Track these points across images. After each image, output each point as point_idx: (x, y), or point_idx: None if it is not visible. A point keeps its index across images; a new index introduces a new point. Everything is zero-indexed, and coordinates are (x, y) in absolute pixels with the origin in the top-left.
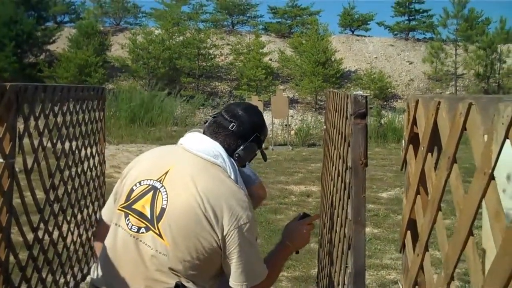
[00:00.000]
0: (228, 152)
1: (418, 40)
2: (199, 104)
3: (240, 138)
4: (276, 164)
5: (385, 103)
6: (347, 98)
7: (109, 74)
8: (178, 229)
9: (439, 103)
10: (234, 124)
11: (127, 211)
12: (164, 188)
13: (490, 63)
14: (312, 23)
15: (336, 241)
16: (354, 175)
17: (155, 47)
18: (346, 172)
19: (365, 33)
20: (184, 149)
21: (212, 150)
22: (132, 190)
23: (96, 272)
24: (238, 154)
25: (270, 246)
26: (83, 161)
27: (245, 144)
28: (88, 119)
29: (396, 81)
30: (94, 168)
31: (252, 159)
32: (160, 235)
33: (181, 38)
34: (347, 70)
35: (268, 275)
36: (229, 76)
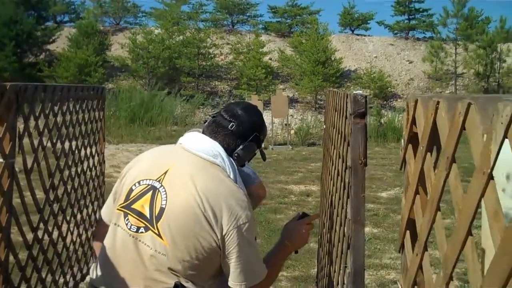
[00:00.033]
0: (227, 151)
1: (418, 39)
2: (199, 103)
3: (239, 138)
4: (276, 163)
5: (385, 102)
6: (347, 97)
7: (109, 74)
8: (177, 228)
9: (438, 102)
10: (233, 123)
11: (126, 211)
12: (164, 187)
13: (490, 62)
14: (312, 23)
15: (335, 240)
16: (354, 174)
17: (155, 46)
18: (345, 171)
19: (365, 32)
20: (184, 148)
21: (211, 149)
22: (131, 190)
23: (95, 272)
24: (238, 154)
25: (270, 245)
26: (83, 161)
27: (244, 143)
28: (88, 119)
29: (396, 80)
30: (94, 168)
31: (251, 159)
32: (159, 235)
33: (181, 37)
34: (347, 69)
35: (268, 275)
36: (229, 76)
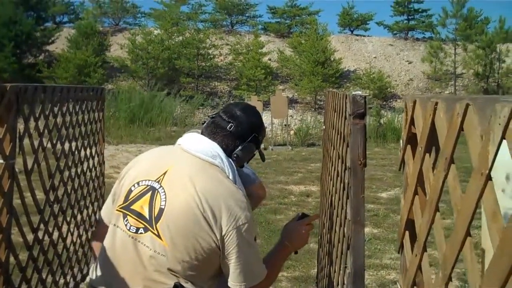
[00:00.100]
0: (226, 152)
1: (417, 39)
2: (198, 104)
3: (238, 139)
4: (275, 164)
5: (384, 102)
6: (346, 98)
7: (108, 75)
8: (176, 229)
9: (437, 103)
10: (232, 124)
11: (126, 212)
12: (163, 188)
13: (489, 63)
14: (311, 23)
15: (335, 241)
16: (353, 175)
17: (154, 47)
18: (345, 172)
19: (364, 32)
20: (183, 149)
21: (210, 150)
22: (130, 191)
23: (95, 272)
24: (236, 155)
25: (270, 246)
26: (83, 161)
27: (243, 144)
28: (87, 120)
29: (396, 80)
30: (94, 169)
31: (250, 160)
32: (158, 236)
33: (180, 38)
34: (346, 69)
35: (267, 275)
36: (228, 76)
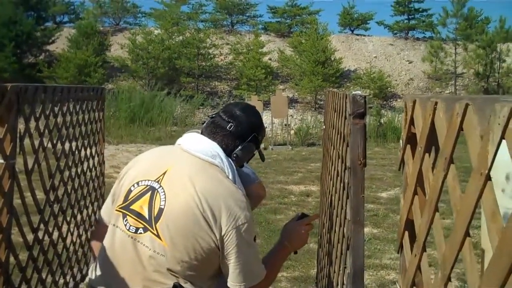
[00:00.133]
0: (226, 152)
1: (418, 39)
2: (198, 104)
3: (238, 138)
4: (275, 163)
5: (384, 102)
6: (346, 98)
7: (108, 74)
8: (176, 229)
9: (436, 103)
10: (232, 124)
11: (125, 212)
12: (162, 188)
13: (490, 62)
14: (312, 23)
15: (335, 241)
16: (353, 175)
17: (154, 47)
18: (345, 172)
19: (364, 32)
20: (182, 149)
21: (210, 150)
22: (130, 191)
23: (94, 272)
24: (236, 154)
25: (270, 246)
26: (83, 161)
27: (243, 144)
28: (87, 120)
29: (396, 80)
30: (94, 169)
31: (250, 159)
32: (158, 236)
33: (180, 38)
34: (346, 69)
35: (267, 275)
36: (228, 76)
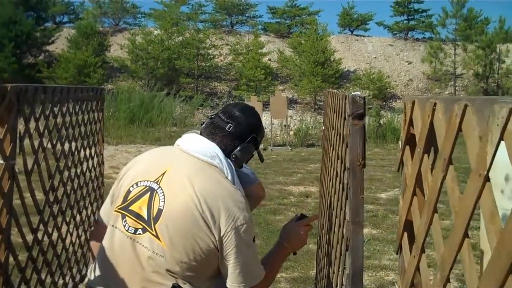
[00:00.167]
0: (225, 153)
1: (417, 40)
2: (198, 104)
3: (237, 139)
4: (275, 164)
5: (384, 103)
6: (345, 98)
7: (108, 75)
8: (175, 230)
9: (435, 104)
10: (231, 125)
11: (124, 213)
12: (161, 189)
13: (489, 63)
14: (311, 23)
15: (334, 242)
16: (352, 176)
17: (154, 47)
18: (344, 172)
19: (364, 33)
20: (181, 150)
21: (209, 151)
22: (129, 192)
23: (93, 273)
24: (235, 155)
25: (269, 247)
26: (82, 162)
27: (242, 145)
28: (87, 120)
29: (395, 81)
30: (93, 169)
31: (249, 160)
32: (157, 236)
33: (180, 38)
34: (346, 70)
35: (266, 276)
36: (228, 77)
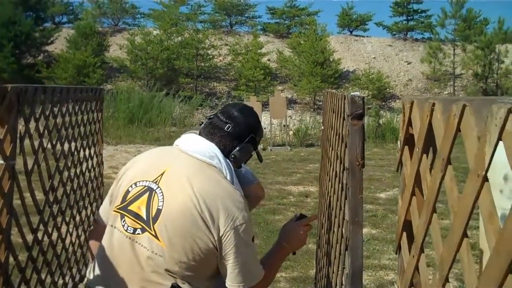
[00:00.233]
0: (224, 153)
1: (417, 40)
2: (197, 104)
3: (235, 139)
4: (274, 164)
5: (383, 103)
6: (344, 99)
7: (107, 75)
8: (174, 230)
9: (434, 104)
10: (229, 125)
11: (123, 213)
12: (160, 189)
13: (488, 63)
14: (311, 24)
15: (333, 241)
16: (351, 176)
17: (153, 47)
18: (343, 172)
19: (363, 33)
20: (180, 150)
21: (208, 151)
22: (128, 192)
23: (92, 273)
24: (234, 155)
25: (269, 246)
26: (82, 162)
27: (240, 145)
28: (86, 120)
29: (395, 81)
30: (93, 169)
31: (247, 160)
32: (156, 236)
33: (179, 38)
34: (345, 70)
35: (265, 276)
36: (227, 77)
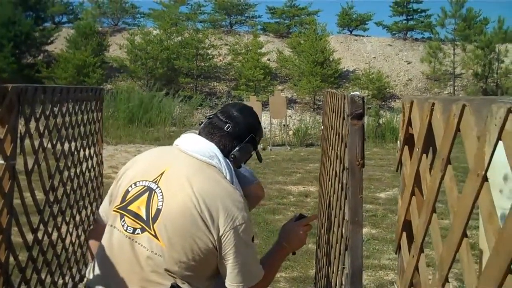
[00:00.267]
0: (223, 153)
1: (416, 39)
2: (197, 104)
3: (235, 139)
4: (274, 164)
5: (383, 103)
6: (344, 98)
7: (107, 75)
8: (173, 229)
9: (433, 104)
10: (229, 125)
11: (123, 212)
12: (160, 189)
13: (488, 63)
14: (311, 23)
15: (333, 241)
16: (351, 175)
17: (153, 47)
18: (343, 172)
19: (363, 33)
20: (180, 150)
21: (207, 151)
22: (127, 191)
23: (92, 273)
24: (234, 155)
25: (268, 246)
26: (82, 162)
27: (240, 145)
28: (86, 120)
29: (395, 81)
30: (93, 169)
31: (247, 160)
32: (155, 236)
33: (179, 38)
34: (345, 70)
35: (265, 276)
36: (227, 77)
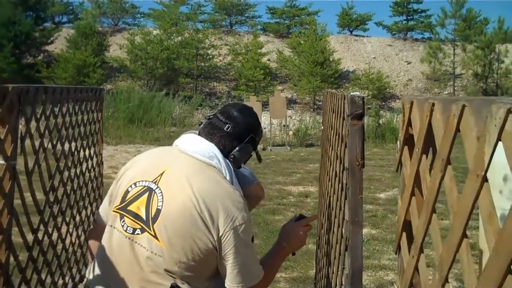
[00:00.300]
0: (223, 153)
1: (416, 40)
2: (197, 104)
3: (235, 139)
4: (274, 164)
5: (383, 103)
6: (344, 99)
7: (107, 75)
8: (173, 230)
9: (433, 104)
10: (229, 125)
11: (122, 213)
12: (160, 189)
13: (488, 63)
14: (311, 23)
15: (333, 242)
16: (351, 176)
17: (153, 47)
18: (343, 172)
19: (363, 33)
20: (180, 150)
21: (207, 151)
22: (127, 192)
23: (92, 273)
24: (234, 155)
25: (268, 247)
26: (82, 162)
27: (240, 145)
28: (86, 120)
29: (395, 81)
30: (93, 169)
31: (247, 160)
32: (155, 237)
33: (179, 38)
34: (345, 70)
35: (265, 276)
36: (227, 77)
